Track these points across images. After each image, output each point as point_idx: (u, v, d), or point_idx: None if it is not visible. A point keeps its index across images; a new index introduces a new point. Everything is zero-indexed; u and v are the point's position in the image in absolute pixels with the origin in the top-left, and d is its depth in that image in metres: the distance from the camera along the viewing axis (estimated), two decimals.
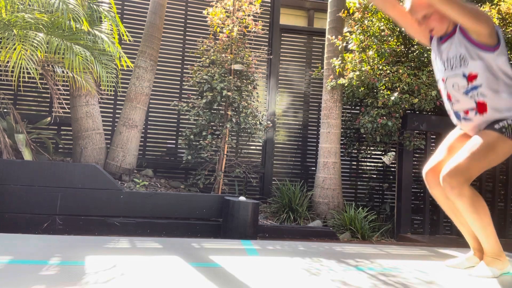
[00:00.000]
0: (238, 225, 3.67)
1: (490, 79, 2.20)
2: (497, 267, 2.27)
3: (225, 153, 4.62)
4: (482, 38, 2.16)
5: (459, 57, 2.26)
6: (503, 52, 2.20)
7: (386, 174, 5.82)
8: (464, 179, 2.17)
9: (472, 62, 2.22)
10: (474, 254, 2.50)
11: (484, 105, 2.24)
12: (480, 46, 2.19)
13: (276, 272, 2.18)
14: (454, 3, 2.08)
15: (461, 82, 2.28)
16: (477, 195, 2.21)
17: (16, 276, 1.80)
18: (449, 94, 2.38)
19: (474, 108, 2.27)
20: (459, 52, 2.25)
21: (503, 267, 2.29)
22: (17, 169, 3.55)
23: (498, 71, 2.20)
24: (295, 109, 5.96)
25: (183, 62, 5.60)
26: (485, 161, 2.23)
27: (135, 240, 2.88)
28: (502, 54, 2.19)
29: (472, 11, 2.10)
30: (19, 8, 3.61)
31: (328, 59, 4.97)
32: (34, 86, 4.85)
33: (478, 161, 2.20)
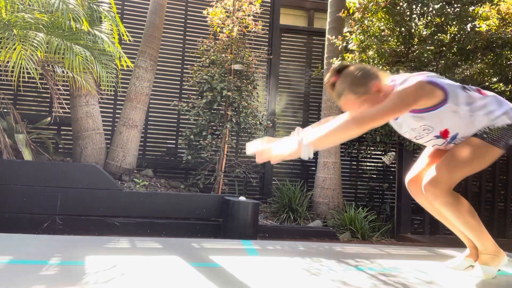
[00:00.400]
0: (238, 225, 3.67)
1: (462, 123, 2.13)
2: (493, 265, 2.27)
3: (225, 153, 4.62)
4: (424, 106, 2.06)
5: (421, 129, 2.19)
6: (454, 95, 2.09)
7: (386, 174, 5.82)
8: (446, 187, 2.13)
9: (436, 125, 2.14)
10: (471, 252, 2.50)
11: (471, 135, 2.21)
12: (431, 108, 2.08)
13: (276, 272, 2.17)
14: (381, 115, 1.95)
15: (439, 142, 2.24)
16: (461, 200, 2.18)
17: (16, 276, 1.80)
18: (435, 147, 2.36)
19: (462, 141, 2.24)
20: (419, 125, 2.18)
21: (498, 262, 2.29)
22: (17, 169, 3.55)
23: (463, 111, 2.11)
24: (295, 109, 5.96)
25: (183, 62, 5.60)
26: (468, 168, 2.18)
27: (135, 240, 2.88)
28: (454, 97, 2.08)
29: (399, 103, 1.97)
30: (19, 8, 3.61)
31: (328, 59, 4.97)
32: (34, 86, 4.85)
33: (460, 168, 2.16)
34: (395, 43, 4.68)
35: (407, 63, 4.50)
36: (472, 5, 4.53)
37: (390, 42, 4.62)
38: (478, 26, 4.60)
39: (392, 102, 1.98)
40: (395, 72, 4.34)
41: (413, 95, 2.00)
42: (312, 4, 6.14)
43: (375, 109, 1.97)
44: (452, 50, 4.67)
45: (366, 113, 1.96)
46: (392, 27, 4.65)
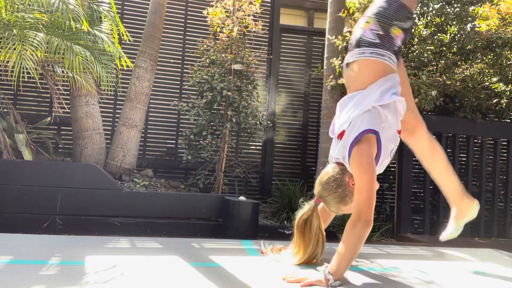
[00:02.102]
0: (238, 225, 3.67)
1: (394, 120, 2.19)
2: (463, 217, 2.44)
3: (225, 153, 4.62)
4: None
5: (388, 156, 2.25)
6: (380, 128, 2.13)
7: (386, 174, 5.81)
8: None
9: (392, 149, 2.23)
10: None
11: None
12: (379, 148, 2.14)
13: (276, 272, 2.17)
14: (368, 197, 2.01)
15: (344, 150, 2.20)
16: None
17: (16, 276, 1.80)
18: None
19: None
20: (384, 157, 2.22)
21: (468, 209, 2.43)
22: (17, 169, 3.55)
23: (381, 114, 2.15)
24: (295, 109, 5.96)
25: (183, 62, 5.60)
26: None
27: (135, 240, 2.88)
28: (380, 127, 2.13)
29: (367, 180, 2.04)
30: (19, 8, 3.61)
31: (328, 59, 4.96)
32: (34, 86, 4.85)
33: None
34: None
35: (407, 63, 4.50)
36: (472, 5, 4.53)
37: None
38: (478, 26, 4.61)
39: (364, 181, 2.03)
40: None
41: (366, 160, 2.07)
42: (312, 4, 6.14)
43: (364, 201, 2.00)
44: (452, 50, 4.67)
45: (363, 209, 1.98)
46: None
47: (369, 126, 2.09)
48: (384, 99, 2.13)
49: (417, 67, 4.51)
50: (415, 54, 4.53)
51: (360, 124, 2.10)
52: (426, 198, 4.56)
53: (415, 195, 5.13)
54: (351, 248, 1.95)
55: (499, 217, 4.91)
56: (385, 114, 2.15)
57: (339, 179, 2.15)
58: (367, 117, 2.12)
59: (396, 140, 2.26)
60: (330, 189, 2.14)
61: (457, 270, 2.46)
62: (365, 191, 2.01)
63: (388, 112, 2.16)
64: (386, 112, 2.15)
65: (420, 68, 4.49)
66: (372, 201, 2.01)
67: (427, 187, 4.59)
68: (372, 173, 2.06)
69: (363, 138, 2.07)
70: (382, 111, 2.14)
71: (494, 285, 2.15)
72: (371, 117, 2.12)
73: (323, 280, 1.90)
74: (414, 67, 4.50)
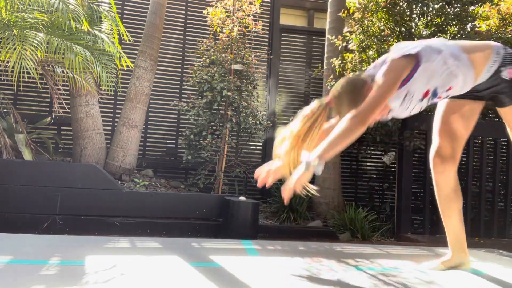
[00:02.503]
0: (238, 225, 3.67)
1: (438, 78, 2.13)
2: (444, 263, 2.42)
3: (225, 153, 4.62)
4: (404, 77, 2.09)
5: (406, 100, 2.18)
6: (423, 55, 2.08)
7: (386, 174, 5.81)
8: None
9: (416, 90, 2.14)
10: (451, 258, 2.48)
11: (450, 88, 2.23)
12: (408, 78, 2.09)
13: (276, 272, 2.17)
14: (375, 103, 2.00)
15: (425, 103, 2.25)
16: None
17: (16, 276, 1.80)
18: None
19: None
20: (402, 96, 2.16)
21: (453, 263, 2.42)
22: (17, 169, 3.55)
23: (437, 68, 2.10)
24: (295, 109, 5.96)
25: (183, 62, 5.60)
26: None
27: (135, 240, 2.88)
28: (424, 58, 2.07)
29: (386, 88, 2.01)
30: (19, 8, 3.61)
31: (328, 59, 4.97)
32: (34, 86, 4.84)
33: None
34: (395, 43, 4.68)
35: None
36: (472, 5, 4.53)
37: (390, 42, 4.62)
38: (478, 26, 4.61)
39: (379, 89, 2.03)
40: None
41: (393, 75, 2.04)
42: (312, 4, 6.14)
43: (368, 103, 2.01)
44: None
45: (363, 109, 1.99)
46: (392, 27, 4.65)
47: (419, 52, 2.06)
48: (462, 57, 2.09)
49: None
50: None
51: (413, 48, 2.08)
52: (426, 198, 4.56)
53: (415, 195, 5.13)
54: (338, 135, 1.97)
55: (499, 217, 4.91)
56: (448, 65, 2.08)
57: (363, 82, 2.14)
58: (428, 49, 2.09)
59: (418, 97, 2.19)
60: (351, 88, 2.11)
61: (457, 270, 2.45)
62: (374, 97, 2.01)
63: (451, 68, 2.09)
64: (451, 66, 2.08)
65: None
66: (375, 109, 2.00)
67: (427, 187, 4.59)
68: (389, 88, 2.03)
69: (402, 60, 2.05)
70: (449, 60, 2.09)
71: (494, 285, 2.15)
72: (429, 51, 2.09)
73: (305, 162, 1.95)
74: None
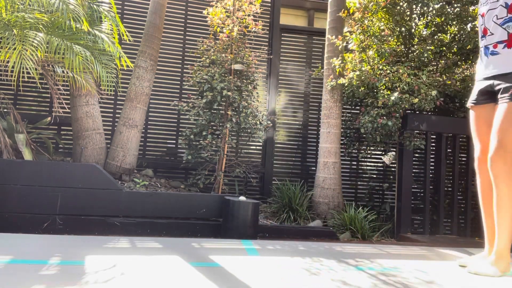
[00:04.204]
0: (238, 225, 3.67)
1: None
2: (499, 267, 2.26)
3: (225, 153, 4.62)
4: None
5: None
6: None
7: (386, 174, 5.81)
8: (508, 154, 2.22)
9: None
10: (487, 255, 2.47)
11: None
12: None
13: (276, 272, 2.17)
14: None
15: (501, 13, 2.32)
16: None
17: (16, 276, 1.80)
18: (485, 28, 2.43)
19: (504, 40, 2.32)
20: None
21: (505, 269, 2.28)
22: (17, 169, 3.55)
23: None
24: (295, 109, 5.96)
25: (183, 62, 5.60)
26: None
27: (135, 240, 2.88)
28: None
29: None
30: (19, 8, 3.61)
31: (328, 59, 4.96)
32: (34, 86, 4.85)
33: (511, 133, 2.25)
34: (395, 43, 4.68)
35: (407, 63, 4.50)
36: (472, 5, 4.53)
37: (390, 42, 4.62)
38: None
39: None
40: (395, 72, 4.34)
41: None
42: (312, 4, 6.14)
43: None
44: (452, 50, 4.67)
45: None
46: (392, 27, 4.65)
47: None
48: None
49: (417, 67, 4.51)
50: (415, 54, 4.53)
51: None
52: (426, 198, 4.56)
53: (415, 195, 5.13)
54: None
55: None
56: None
57: None
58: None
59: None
60: None
61: (457, 270, 2.45)
62: None
63: None
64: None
65: (420, 68, 4.49)
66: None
67: (427, 187, 4.59)
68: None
69: None
70: None
71: (494, 285, 2.15)
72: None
73: None
74: (414, 67, 4.50)
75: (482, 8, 2.46)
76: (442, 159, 4.70)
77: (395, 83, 4.32)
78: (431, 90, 4.26)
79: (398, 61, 4.63)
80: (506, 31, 2.31)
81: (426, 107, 4.33)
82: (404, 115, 4.46)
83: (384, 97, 4.29)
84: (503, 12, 2.32)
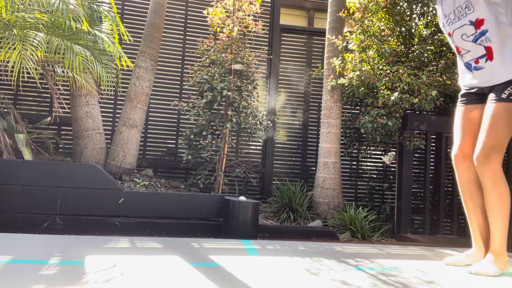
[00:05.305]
0: (238, 225, 3.67)
1: (497, 22, 2.20)
2: (498, 266, 2.27)
3: (225, 153, 4.62)
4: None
5: (463, 6, 2.26)
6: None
7: (386, 174, 5.82)
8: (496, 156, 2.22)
9: (476, 6, 2.21)
10: (475, 251, 2.50)
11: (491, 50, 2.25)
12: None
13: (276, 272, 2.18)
14: None
15: (469, 31, 2.29)
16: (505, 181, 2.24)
17: (16, 276, 1.80)
18: (457, 47, 2.40)
19: (484, 54, 2.29)
20: (462, 1, 2.25)
21: (504, 267, 2.29)
22: (17, 169, 3.55)
23: (504, 17, 2.18)
24: (295, 109, 5.96)
25: (183, 62, 5.60)
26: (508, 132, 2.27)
27: (135, 240, 2.88)
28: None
29: None
30: (19, 8, 3.61)
31: (328, 59, 4.97)
32: (34, 86, 4.85)
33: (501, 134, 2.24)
34: (395, 43, 4.68)
35: (407, 62, 4.50)
36: None
37: (390, 42, 4.62)
38: None
39: None
40: (395, 72, 4.34)
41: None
42: (312, 4, 6.14)
43: None
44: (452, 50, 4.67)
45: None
46: (392, 27, 4.65)
47: None
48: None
49: (417, 67, 4.51)
50: (415, 54, 4.52)
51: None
52: (426, 198, 4.56)
53: (415, 195, 5.13)
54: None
55: None
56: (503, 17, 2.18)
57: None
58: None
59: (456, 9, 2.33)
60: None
61: (457, 270, 2.46)
62: None
63: None
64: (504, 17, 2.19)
65: (420, 68, 4.49)
66: None
67: (427, 187, 4.59)
68: None
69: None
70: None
71: (494, 285, 2.15)
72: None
73: None
74: (414, 67, 4.50)
75: (447, 28, 2.42)
76: (442, 159, 4.70)
77: (395, 83, 4.32)
78: (431, 90, 4.26)
79: (398, 61, 4.63)
80: (481, 46, 2.28)
81: (426, 107, 4.33)
82: (404, 115, 4.46)
83: (384, 97, 4.29)
84: (470, 29, 2.28)
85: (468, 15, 2.26)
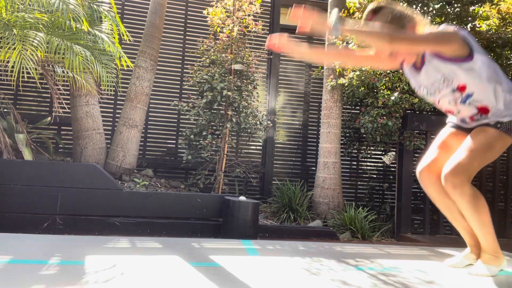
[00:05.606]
0: (238, 225, 3.67)
1: (480, 85, 2.18)
2: (495, 265, 2.28)
3: (225, 153, 4.62)
4: (454, 52, 2.15)
5: (440, 80, 2.24)
6: (479, 56, 2.16)
7: (386, 174, 5.81)
8: (466, 178, 2.18)
9: (455, 77, 2.20)
10: (471, 251, 2.51)
11: (485, 108, 2.24)
12: (455, 60, 2.16)
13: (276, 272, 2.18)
14: (413, 40, 2.13)
15: (454, 97, 2.27)
16: (478, 193, 2.22)
17: (16, 276, 1.81)
18: (447, 110, 2.38)
19: (477, 112, 2.28)
20: (438, 77, 2.24)
21: (500, 263, 2.31)
22: (17, 169, 3.55)
23: (483, 75, 2.17)
24: (295, 109, 5.96)
25: (183, 62, 5.60)
26: (484, 158, 2.25)
27: (135, 240, 2.88)
28: (478, 58, 2.15)
29: (433, 37, 2.12)
30: (19, 8, 3.61)
31: None
32: (34, 86, 4.84)
33: (477, 158, 2.21)
34: None
35: None
36: (472, 5, 4.53)
37: None
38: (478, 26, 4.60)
39: (426, 34, 2.15)
40: (395, 72, 4.34)
41: (447, 36, 2.13)
42: (312, 4, 6.14)
43: (408, 34, 2.13)
44: None
45: (400, 33, 2.12)
46: None
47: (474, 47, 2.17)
48: None
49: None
50: None
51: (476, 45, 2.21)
52: (426, 198, 4.55)
53: (415, 195, 5.13)
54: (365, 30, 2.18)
55: (499, 217, 4.91)
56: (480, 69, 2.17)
57: (405, 14, 2.22)
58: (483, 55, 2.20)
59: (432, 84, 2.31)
60: (391, 14, 2.20)
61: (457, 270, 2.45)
62: (413, 35, 2.17)
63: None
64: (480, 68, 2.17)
65: None
66: (405, 43, 2.12)
67: None
68: (429, 42, 2.14)
69: (462, 37, 2.16)
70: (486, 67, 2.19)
71: (494, 285, 2.15)
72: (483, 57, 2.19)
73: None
74: None
75: (431, 98, 2.38)
76: None
77: (395, 83, 4.32)
78: None
79: None
80: (472, 105, 2.25)
81: (426, 107, 4.33)
82: (404, 115, 4.46)
83: (384, 97, 4.29)
84: (456, 94, 2.25)
85: (449, 85, 2.24)
